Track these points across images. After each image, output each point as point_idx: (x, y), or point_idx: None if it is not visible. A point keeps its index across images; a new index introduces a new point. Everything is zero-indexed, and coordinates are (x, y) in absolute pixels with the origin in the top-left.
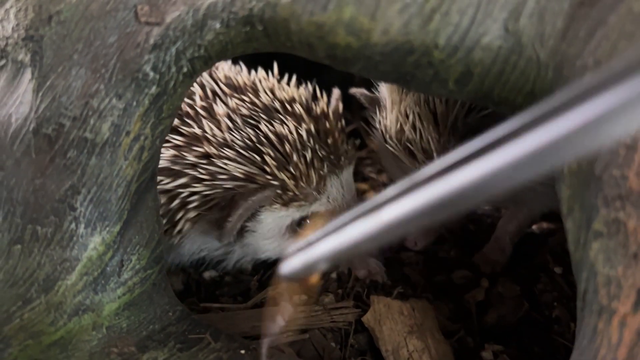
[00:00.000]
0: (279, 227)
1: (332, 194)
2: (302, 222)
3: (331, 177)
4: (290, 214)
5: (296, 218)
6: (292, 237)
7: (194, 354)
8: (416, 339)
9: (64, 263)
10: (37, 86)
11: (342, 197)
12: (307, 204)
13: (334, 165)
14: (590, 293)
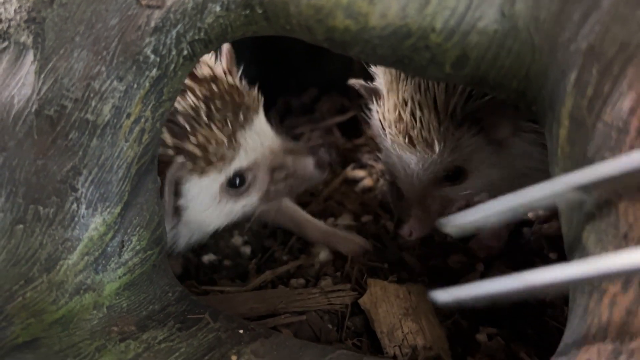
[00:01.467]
0: (209, 195)
1: (248, 145)
2: (233, 182)
3: (241, 131)
4: (214, 179)
5: (223, 180)
6: (233, 200)
7: (193, 333)
8: (411, 321)
9: (66, 243)
10: (39, 68)
11: (261, 144)
12: (224, 164)
13: (239, 119)
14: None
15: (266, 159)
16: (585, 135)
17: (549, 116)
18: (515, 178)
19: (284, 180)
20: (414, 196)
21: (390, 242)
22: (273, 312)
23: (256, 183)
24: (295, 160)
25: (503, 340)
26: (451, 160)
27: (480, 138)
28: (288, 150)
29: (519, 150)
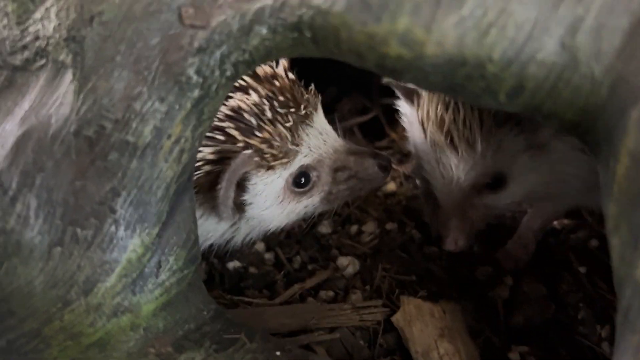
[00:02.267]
0: (273, 192)
1: (311, 142)
2: (297, 181)
3: (303, 128)
4: (279, 175)
5: (287, 178)
6: (295, 200)
7: (230, 354)
8: (447, 342)
9: (104, 265)
10: (79, 87)
11: (324, 143)
12: (289, 160)
13: (300, 115)
14: (634, 311)
15: (329, 158)
16: None
17: (604, 150)
18: (554, 185)
19: (346, 181)
20: (453, 205)
21: (417, 253)
22: (305, 328)
23: (319, 183)
24: (358, 161)
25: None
26: (492, 164)
27: (521, 140)
28: (350, 151)
29: (558, 155)
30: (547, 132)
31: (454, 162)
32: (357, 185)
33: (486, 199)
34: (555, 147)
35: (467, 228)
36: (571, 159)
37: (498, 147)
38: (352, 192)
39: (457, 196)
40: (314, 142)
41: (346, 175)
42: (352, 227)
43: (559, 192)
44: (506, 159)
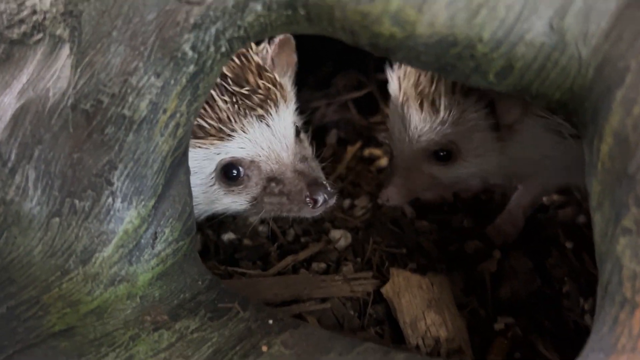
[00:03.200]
0: (203, 171)
1: (254, 138)
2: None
3: (251, 120)
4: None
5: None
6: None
7: (224, 323)
8: (434, 313)
9: (101, 236)
10: (76, 62)
11: (269, 146)
12: (220, 142)
13: (256, 104)
14: (613, 285)
15: (267, 164)
16: (627, 152)
17: (590, 129)
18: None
19: (275, 195)
20: (402, 163)
21: (408, 227)
22: (297, 299)
23: (248, 184)
24: (295, 182)
25: (520, 331)
26: (450, 133)
27: (485, 118)
28: (295, 170)
29: (528, 136)
30: (516, 110)
31: (415, 121)
32: (285, 205)
33: (433, 168)
34: (524, 129)
35: (405, 189)
36: (542, 139)
37: (460, 117)
38: (279, 210)
39: (407, 156)
40: (258, 139)
41: (277, 190)
42: (345, 201)
43: (527, 173)
44: (465, 133)
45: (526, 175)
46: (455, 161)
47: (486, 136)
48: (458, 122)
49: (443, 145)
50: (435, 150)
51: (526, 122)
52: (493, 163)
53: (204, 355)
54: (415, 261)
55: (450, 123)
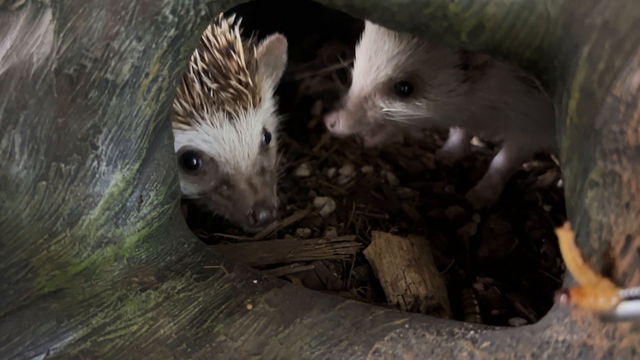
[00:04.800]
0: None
1: (219, 134)
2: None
3: (221, 115)
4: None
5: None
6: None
7: (209, 283)
8: (414, 272)
9: (87, 199)
10: (58, 27)
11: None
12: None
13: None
14: (582, 237)
15: (225, 168)
16: (594, 107)
17: (559, 86)
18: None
19: (223, 198)
20: (358, 92)
21: (391, 193)
22: (282, 262)
23: (204, 178)
24: (244, 194)
25: (499, 290)
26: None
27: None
28: (249, 182)
29: (497, 81)
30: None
31: (387, 44)
32: (228, 209)
33: (391, 102)
34: (495, 72)
35: (355, 119)
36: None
37: (430, 47)
38: (223, 210)
39: (367, 85)
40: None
41: (227, 194)
42: (329, 170)
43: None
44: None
45: (487, 123)
46: (416, 97)
47: (454, 73)
48: (430, 51)
49: (408, 75)
50: (398, 82)
51: (497, 65)
52: (455, 105)
53: (191, 314)
54: (397, 226)
55: (423, 49)
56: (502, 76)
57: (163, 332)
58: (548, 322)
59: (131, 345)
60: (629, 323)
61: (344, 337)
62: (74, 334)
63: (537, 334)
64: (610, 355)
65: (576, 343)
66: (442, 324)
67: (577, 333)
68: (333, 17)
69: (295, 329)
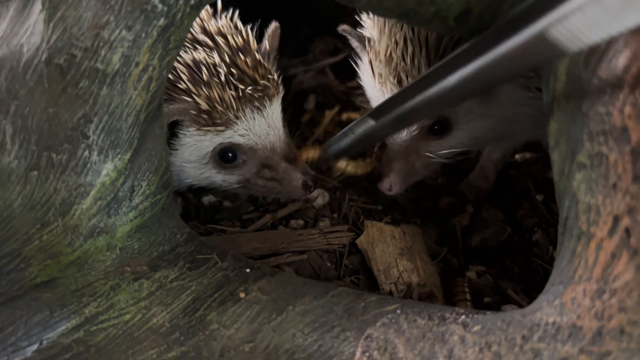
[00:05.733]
0: (200, 151)
1: (253, 126)
2: (224, 154)
3: (252, 109)
4: (210, 139)
5: (216, 144)
6: (216, 170)
7: (202, 272)
8: (406, 260)
9: (79, 188)
10: (48, 17)
11: (266, 135)
12: (224, 130)
13: (255, 97)
14: (571, 219)
15: (263, 152)
16: (580, 90)
17: (546, 70)
18: (503, 127)
19: (268, 180)
20: (397, 149)
21: None
22: (275, 252)
23: (243, 167)
24: (287, 169)
25: (491, 278)
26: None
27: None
28: (286, 157)
29: (508, 96)
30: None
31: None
32: (276, 188)
33: (431, 145)
34: (503, 89)
35: (406, 174)
36: (521, 98)
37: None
38: (269, 192)
39: (402, 141)
40: (256, 128)
41: (270, 176)
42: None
43: (510, 132)
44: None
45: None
46: (450, 131)
47: (470, 102)
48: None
49: (437, 118)
50: (430, 125)
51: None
52: (483, 127)
53: (183, 302)
54: (390, 216)
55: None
56: (510, 91)
57: (156, 321)
58: (538, 305)
59: (124, 334)
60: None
61: (336, 323)
62: (67, 323)
63: (528, 316)
64: (600, 335)
65: (566, 324)
66: (433, 309)
67: (567, 315)
68: (326, 12)
69: (288, 316)
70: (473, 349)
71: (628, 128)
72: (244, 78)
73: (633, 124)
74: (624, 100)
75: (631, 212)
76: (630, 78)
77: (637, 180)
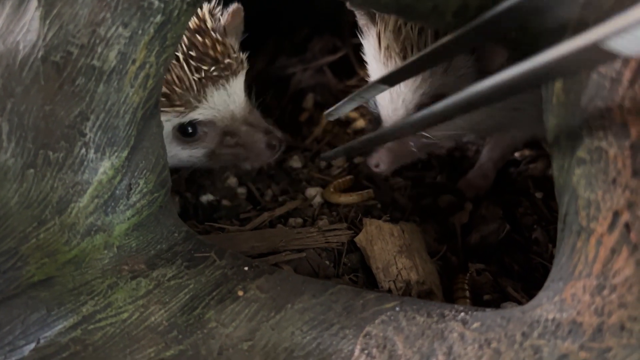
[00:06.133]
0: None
1: (215, 102)
2: (184, 129)
3: (213, 87)
4: (169, 120)
5: (176, 124)
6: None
7: (200, 270)
8: (405, 258)
9: (76, 186)
10: (44, 14)
11: (225, 106)
12: (184, 110)
13: (215, 76)
14: (570, 215)
15: (223, 121)
16: (579, 84)
17: None
18: (504, 114)
19: (232, 147)
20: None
21: (383, 183)
22: (274, 250)
23: (205, 139)
24: (249, 132)
25: (491, 276)
26: (439, 85)
27: (472, 66)
28: (247, 122)
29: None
30: (501, 57)
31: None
32: (241, 154)
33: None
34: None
35: (398, 153)
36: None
37: (448, 67)
38: (235, 158)
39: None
40: (216, 102)
41: (233, 142)
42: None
43: (511, 121)
44: (454, 83)
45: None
46: None
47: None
48: (447, 71)
49: (436, 97)
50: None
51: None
52: (484, 113)
53: (182, 301)
54: (389, 215)
55: (440, 72)
56: None
57: (154, 320)
58: (538, 301)
59: (122, 333)
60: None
61: (335, 321)
62: (64, 322)
63: (527, 313)
64: (600, 331)
65: (565, 321)
66: (432, 307)
67: (567, 311)
68: (324, 11)
69: (287, 314)
70: (472, 345)
71: (627, 123)
72: (204, 58)
73: (632, 119)
74: (623, 95)
75: (631, 207)
76: (630, 72)
77: (636, 175)
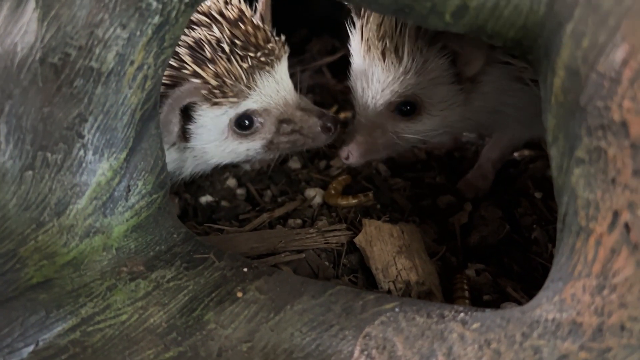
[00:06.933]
0: (218, 128)
1: (264, 90)
2: (241, 122)
3: (261, 73)
4: (224, 112)
5: (232, 116)
6: (238, 141)
7: (199, 272)
8: (404, 259)
9: (74, 188)
10: (42, 15)
11: (277, 93)
12: (238, 100)
13: (261, 61)
14: (570, 215)
15: (277, 109)
16: (578, 84)
17: (544, 65)
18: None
19: (289, 134)
20: (364, 121)
21: (382, 184)
22: (273, 251)
23: (262, 130)
24: (304, 117)
25: (490, 276)
26: (412, 85)
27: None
28: (300, 107)
29: (492, 86)
30: (478, 62)
31: (377, 73)
32: (299, 140)
33: (398, 125)
34: (487, 79)
35: (367, 148)
36: (506, 88)
37: (422, 67)
38: (294, 145)
39: (371, 112)
40: (266, 90)
41: (290, 129)
42: (320, 162)
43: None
44: (427, 84)
45: (491, 125)
46: (420, 115)
47: (449, 88)
48: (421, 72)
49: (406, 97)
50: (398, 103)
51: (489, 72)
52: (457, 116)
53: (181, 302)
54: (388, 215)
55: (414, 73)
56: (497, 81)
57: (153, 321)
58: (538, 302)
59: (121, 335)
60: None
61: (334, 322)
62: (63, 324)
63: (527, 313)
64: (600, 331)
65: (565, 321)
66: (432, 307)
67: (567, 311)
68: (323, 12)
69: (286, 315)
70: (472, 346)
71: (627, 122)
72: (248, 46)
73: (632, 118)
74: (622, 94)
75: (631, 207)
76: (629, 72)
77: (636, 174)
